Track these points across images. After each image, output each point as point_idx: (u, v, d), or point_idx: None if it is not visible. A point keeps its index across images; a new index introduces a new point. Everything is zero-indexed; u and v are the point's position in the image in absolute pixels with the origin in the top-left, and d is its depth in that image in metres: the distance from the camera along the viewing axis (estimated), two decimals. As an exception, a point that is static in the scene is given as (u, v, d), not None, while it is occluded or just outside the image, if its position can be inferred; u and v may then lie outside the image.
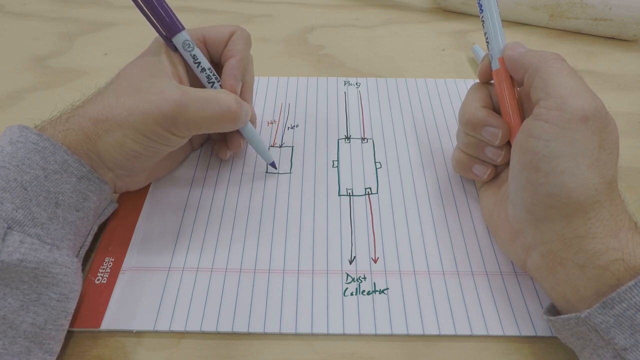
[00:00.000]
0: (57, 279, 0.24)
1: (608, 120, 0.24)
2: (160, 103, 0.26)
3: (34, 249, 0.23)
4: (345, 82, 0.44)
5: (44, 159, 0.25)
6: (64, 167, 0.25)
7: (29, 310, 0.23)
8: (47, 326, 0.24)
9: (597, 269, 0.22)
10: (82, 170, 0.26)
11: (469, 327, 0.27)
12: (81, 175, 0.26)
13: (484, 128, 0.29)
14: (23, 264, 0.22)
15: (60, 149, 0.25)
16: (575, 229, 0.23)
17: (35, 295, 0.23)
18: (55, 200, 0.25)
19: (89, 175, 0.27)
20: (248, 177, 0.35)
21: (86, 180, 0.26)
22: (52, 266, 0.24)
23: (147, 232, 0.31)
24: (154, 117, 0.26)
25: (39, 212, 0.24)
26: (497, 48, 0.29)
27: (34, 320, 0.23)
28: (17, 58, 0.46)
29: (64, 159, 0.25)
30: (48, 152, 0.25)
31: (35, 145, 0.25)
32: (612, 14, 0.48)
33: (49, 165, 0.25)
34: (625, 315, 0.21)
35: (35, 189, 0.24)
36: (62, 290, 0.24)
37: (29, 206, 0.24)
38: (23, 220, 0.23)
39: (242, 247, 0.31)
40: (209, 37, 0.31)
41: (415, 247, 0.31)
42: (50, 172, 0.25)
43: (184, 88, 0.27)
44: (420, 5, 0.56)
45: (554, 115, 0.24)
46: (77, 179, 0.26)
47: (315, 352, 0.26)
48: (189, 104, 0.27)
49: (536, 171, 0.24)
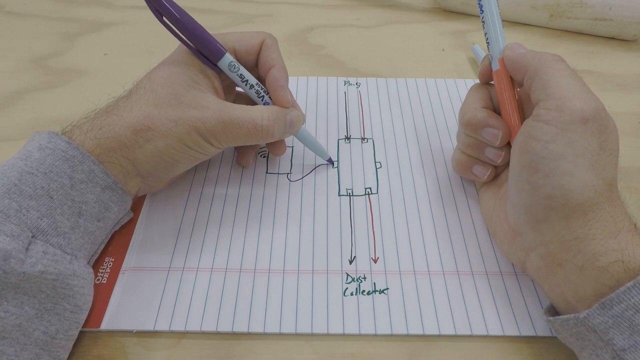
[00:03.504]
0: (74, 291, 0.24)
1: (608, 121, 0.24)
2: (204, 118, 0.27)
3: (56, 260, 0.23)
4: (345, 82, 0.44)
5: (72, 168, 0.25)
6: (90, 176, 0.25)
7: (43, 319, 0.23)
8: (59, 335, 0.24)
9: (596, 270, 0.22)
10: (107, 181, 0.26)
11: (469, 327, 0.27)
12: (105, 185, 0.26)
13: (484, 129, 0.29)
14: (44, 275, 0.22)
15: (88, 159, 0.25)
16: (574, 230, 0.23)
17: (50, 305, 0.23)
18: (79, 210, 0.25)
19: (113, 186, 0.26)
20: (248, 177, 0.35)
21: (110, 190, 0.26)
22: (71, 278, 0.24)
23: (147, 232, 0.31)
24: (199, 131, 0.27)
25: (62, 221, 0.24)
26: (497, 49, 0.29)
27: (47, 329, 0.23)
28: (17, 58, 0.46)
29: (90, 169, 0.25)
30: (76, 161, 0.25)
31: (64, 154, 0.25)
32: (612, 14, 0.48)
33: (76, 175, 0.25)
34: (624, 316, 0.21)
35: (61, 197, 0.24)
36: (77, 302, 0.24)
37: (53, 215, 0.24)
38: (47, 229, 0.23)
39: (242, 247, 0.31)
40: (240, 48, 0.31)
41: (415, 247, 0.31)
42: (77, 181, 0.25)
43: (225, 105, 0.28)
44: (420, 5, 0.56)
45: (553, 117, 0.24)
46: (101, 189, 0.26)
47: (315, 352, 0.26)
48: (230, 122, 0.28)
49: (536, 172, 0.24)
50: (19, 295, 0.22)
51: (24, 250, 0.22)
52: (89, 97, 0.42)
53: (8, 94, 0.42)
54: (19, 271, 0.21)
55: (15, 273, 0.21)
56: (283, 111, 0.30)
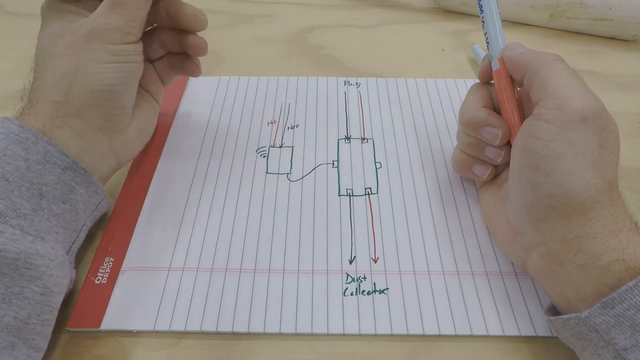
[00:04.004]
0: (40, 271, 0.23)
1: (608, 120, 0.24)
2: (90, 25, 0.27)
3: (14, 239, 0.23)
4: (345, 82, 0.44)
5: (26, 150, 0.25)
6: (47, 157, 0.25)
7: (12, 303, 0.22)
8: (31, 320, 0.23)
9: (597, 269, 0.22)
10: (66, 161, 0.26)
11: (469, 327, 0.27)
12: (65, 165, 0.26)
13: (484, 128, 0.29)
14: (2, 254, 0.22)
15: (42, 140, 0.25)
16: (575, 229, 0.23)
17: (17, 289, 0.23)
18: (39, 191, 0.25)
19: (74, 166, 0.26)
20: (248, 177, 0.35)
21: (71, 171, 0.26)
22: (34, 257, 0.23)
23: (147, 232, 0.31)
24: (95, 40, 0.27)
25: (21, 202, 0.24)
26: (497, 48, 0.29)
27: (17, 314, 0.22)
28: (17, 58, 0.46)
29: (46, 149, 0.25)
30: (30, 143, 0.25)
31: (16, 137, 0.25)
32: (612, 14, 0.48)
33: (31, 156, 0.25)
34: (626, 316, 0.21)
35: (17, 180, 0.24)
36: (46, 284, 0.24)
37: (10, 197, 0.24)
38: (4, 210, 0.23)
39: (242, 247, 0.31)
40: None
41: (415, 247, 0.31)
42: (33, 162, 0.25)
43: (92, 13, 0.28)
44: (420, 5, 0.56)
45: (553, 116, 0.24)
46: (61, 170, 0.26)
47: (315, 352, 0.26)
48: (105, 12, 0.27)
49: (536, 171, 0.24)
50: None
51: None
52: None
53: (8, 94, 0.42)
54: None
55: None
56: None
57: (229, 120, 0.40)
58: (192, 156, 0.36)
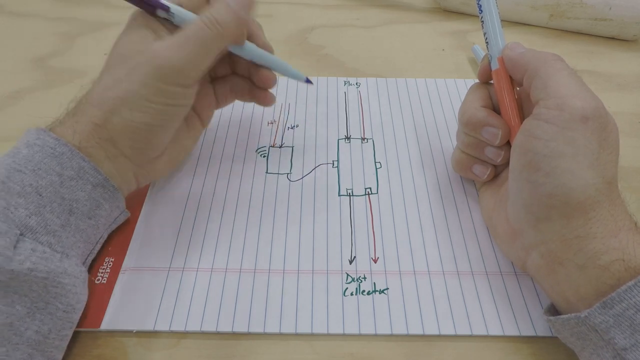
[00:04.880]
0: (66, 290, 0.24)
1: (608, 120, 0.24)
2: (151, 60, 0.26)
3: (45, 257, 0.23)
4: (345, 82, 0.44)
5: (61, 165, 0.24)
6: (80, 173, 0.25)
7: (35, 318, 0.23)
8: (51, 335, 0.23)
9: (597, 269, 0.22)
10: (98, 178, 0.26)
11: (469, 327, 0.27)
12: (96, 182, 0.26)
13: (484, 128, 0.29)
14: (33, 273, 0.22)
15: (77, 155, 0.25)
16: (575, 229, 0.23)
17: (42, 304, 0.23)
18: (70, 208, 0.25)
19: (104, 183, 0.26)
20: (248, 177, 0.35)
21: (101, 187, 0.26)
22: (62, 276, 0.24)
23: (147, 232, 0.31)
24: (152, 75, 0.26)
25: (52, 219, 0.24)
26: (496, 48, 0.29)
27: (39, 328, 0.23)
28: (17, 58, 0.46)
29: (80, 165, 0.25)
30: (65, 158, 0.25)
31: (52, 150, 0.25)
32: (612, 14, 0.48)
33: (65, 171, 0.25)
34: (625, 315, 0.21)
35: (50, 195, 0.24)
36: (70, 301, 0.24)
37: (42, 213, 0.23)
38: (36, 227, 0.23)
39: (242, 247, 0.31)
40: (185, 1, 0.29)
41: (415, 247, 0.31)
42: (66, 178, 0.25)
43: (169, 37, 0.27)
44: (420, 5, 0.56)
45: (553, 115, 0.24)
46: (92, 186, 0.26)
47: (315, 352, 0.26)
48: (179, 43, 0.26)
49: (536, 171, 0.24)
50: (9, 294, 0.22)
51: (11, 247, 0.22)
52: (89, 97, 0.42)
53: (8, 94, 0.42)
54: (6, 269, 0.21)
55: (3, 271, 0.21)
56: None
57: (229, 120, 0.40)
58: (192, 156, 0.36)
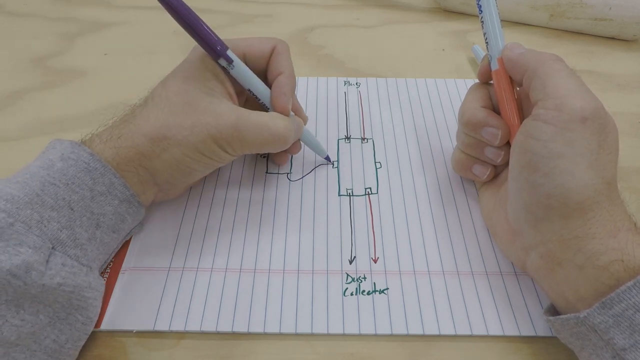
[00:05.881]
0: (88, 303, 0.24)
1: (607, 120, 0.24)
2: (219, 126, 0.27)
3: (74, 272, 0.23)
4: (345, 82, 0.44)
5: (93, 180, 0.25)
6: (110, 189, 0.25)
7: (55, 327, 0.23)
8: (67, 345, 0.24)
9: (596, 270, 0.22)
10: (126, 194, 0.26)
11: (469, 327, 0.27)
12: (123, 198, 0.26)
13: (484, 128, 0.29)
14: (62, 287, 0.23)
15: (109, 171, 0.25)
16: (574, 229, 0.23)
17: (64, 314, 0.23)
18: (97, 222, 0.25)
19: (131, 199, 0.27)
20: (248, 177, 0.35)
21: (127, 203, 0.26)
22: (86, 290, 0.24)
23: (147, 232, 0.31)
24: (214, 138, 0.27)
25: (81, 232, 0.24)
26: (496, 49, 0.29)
27: (57, 337, 0.23)
28: (17, 58, 0.46)
29: (111, 181, 0.25)
30: (98, 173, 0.25)
31: (86, 165, 0.25)
32: (612, 14, 0.48)
33: (97, 187, 0.25)
34: (624, 316, 0.21)
35: (81, 209, 0.24)
36: (89, 315, 0.25)
37: (73, 226, 0.24)
38: (66, 240, 0.23)
39: (242, 247, 0.31)
40: (250, 53, 0.31)
41: (415, 247, 0.31)
42: (97, 193, 0.25)
43: (240, 111, 0.28)
44: (420, 5, 0.56)
45: (552, 116, 0.24)
46: (119, 202, 0.26)
47: (315, 352, 0.26)
48: (245, 130, 0.28)
49: (535, 171, 0.24)
50: (35, 304, 0.22)
51: (44, 262, 0.22)
52: (89, 97, 0.42)
53: (8, 94, 0.42)
54: (38, 283, 0.22)
55: (35, 285, 0.22)
56: (293, 118, 0.31)
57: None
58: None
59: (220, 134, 0.27)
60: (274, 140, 0.29)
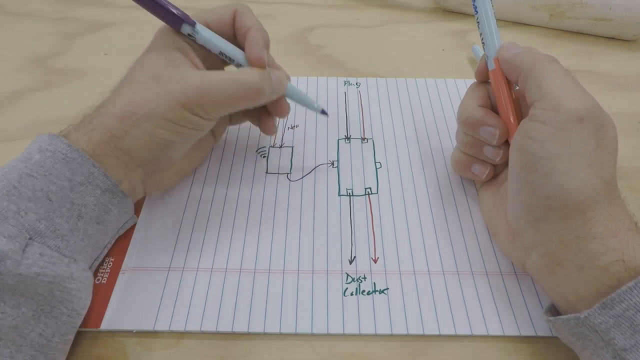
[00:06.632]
0: (72, 295, 0.24)
1: (604, 119, 0.24)
2: (184, 89, 0.26)
3: (53, 262, 0.23)
4: (345, 82, 0.44)
5: (71, 170, 0.25)
6: (90, 179, 0.25)
7: (40, 321, 0.23)
8: (54, 339, 0.24)
9: (596, 270, 0.22)
10: (107, 183, 0.26)
11: (469, 327, 0.27)
12: (105, 188, 0.26)
13: (482, 127, 0.29)
14: (40, 277, 0.22)
15: (87, 161, 0.25)
16: (574, 229, 0.23)
17: (48, 307, 0.23)
18: (78, 213, 0.25)
19: (113, 189, 0.26)
20: (248, 177, 0.35)
21: (110, 193, 0.26)
22: (68, 281, 0.24)
23: (147, 232, 0.31)
24: (182, 104, 0.26)
25: (61, 223, 0.24)
26: (492, 48, 0.29)
27: (43, 331, 0.23)
28: (17, 58, 0.46)
29: (90, 171, 0.25)
30: (76, 164, 0.25)
31: (64, 156, 0.25)
32: (612, 14, 0.48)
33: (76, 177, 0.25)
34: (625, 316, 0.21)
35: (60, 200, 0.24)
36: (74, 306, 0.24)
37: (52, 217, 0.24)
38: (45, 231, 0.23)
39: (242, 247, 0.31)
40: (213, 20, 0.30)
41: (415, 247, 0.31)
42: (76, 183, 0.25)
43: (204, 73, 0.27)
44: (420, 5, 0.56)
45: (549, 116, 0.24)
46: (101, 192, 0.26)
47: (315, 352, 0.26)
48: (211, 88, 0.27)
49: (534, 172, 0.24)
50: (16, 296, 0.22)
51: (20, 251, 0.22)
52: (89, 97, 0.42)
53: (8, 94, 0.42)
54: (14, 272, 0.21)
55: (11, 274, 0.21)
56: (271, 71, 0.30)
57: (229, 120, 0.40)
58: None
59: (187, 98, 0.26)
60: (246, 92, 0.28)
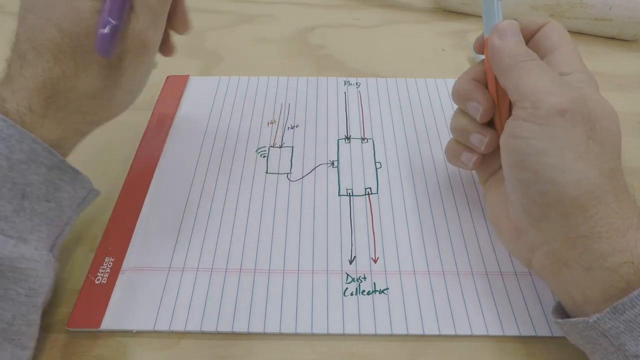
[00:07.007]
0: (25, 274, 0.23)
1: (592, 109, 0.23)
2: None
3: None
4: (345, 82, 0.44)
5: (9, 148, 0.23)
6: (32, 156, 0.24)
7: None
8: (16, 322, 0.23)
9: (604, 271, 0.21)
10: (53, 160, 0.24)
11: (469, 327, 0.27)
12: (52, 164, 0.24)
13: (469, 102, 0.28)
14: None
15: (27, 137, 0.23)
16: (577, 227, 0.22)
17: (1, 291, 0.22)
18: (22, 192, 0.23)
19: (61, 165, 0.25)
20: (248, 177, 0.35)
21: (57, 170, 0.25)
22: (18, 261, 0.23)
23: (147, 232, 0.31)
24: None
25: (2, 204, 0.23)
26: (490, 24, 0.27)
27: (1, 315, 0.22)
28: (17, 58, 0.46)
29: (31, 148, 0.23)
30: (14, 141, 0.23)
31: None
32: (612, 14, 0.48)
33: (14, 155, 0.23)
34: (637, 322, 0.20)
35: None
36: (32, 285, 0.23)
37: None
38: None
39: (242, 247, 0.31)
40: None
41: (415, 247, 0.31)
42: (16, 162, 0.23)
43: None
44: (420, 5, 0.56)
45: (530, 114, 0.23)
46: (47, 169, 0.24)
47: (315, 352, 0.26)
48: None
49: (524, 170, 0.24)
50: None
51: None
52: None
53: (8, 94, 0.42)
54: None
55: None
56: None
57: (228, 120, 0.40)
58: (192, 156, 0.36)
59: None
60: None
